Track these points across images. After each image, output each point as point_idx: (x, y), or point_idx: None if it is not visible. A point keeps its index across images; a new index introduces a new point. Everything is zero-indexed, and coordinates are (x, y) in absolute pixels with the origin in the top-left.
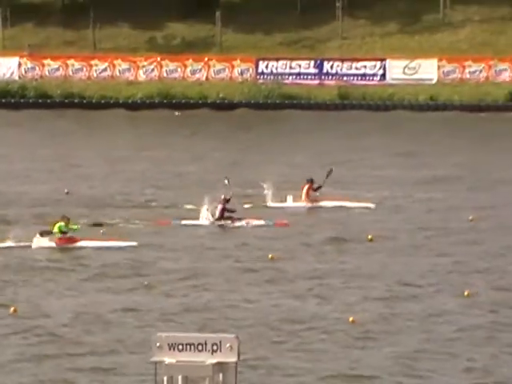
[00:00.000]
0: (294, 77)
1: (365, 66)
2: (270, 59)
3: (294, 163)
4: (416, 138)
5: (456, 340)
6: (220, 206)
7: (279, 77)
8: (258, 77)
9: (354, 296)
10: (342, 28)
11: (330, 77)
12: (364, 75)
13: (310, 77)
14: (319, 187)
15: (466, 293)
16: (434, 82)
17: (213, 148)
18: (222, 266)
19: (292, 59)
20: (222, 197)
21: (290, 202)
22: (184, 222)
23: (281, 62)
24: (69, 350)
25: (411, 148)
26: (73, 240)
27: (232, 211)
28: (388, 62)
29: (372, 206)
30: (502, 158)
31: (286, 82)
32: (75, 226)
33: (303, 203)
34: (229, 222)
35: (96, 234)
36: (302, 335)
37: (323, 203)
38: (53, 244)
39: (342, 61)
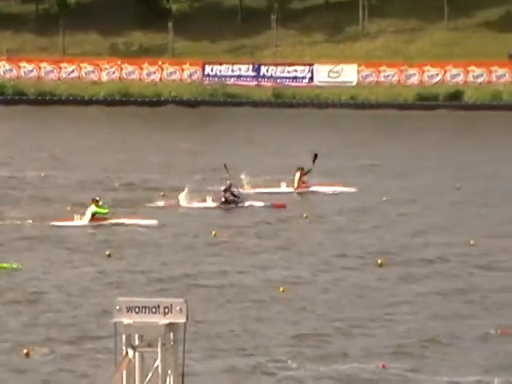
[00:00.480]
0: (235, 79)
1: (295, 70)
2: (214, 63)
3: (243, 153)
4: (335, 132)
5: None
6: (223, 191)
7: (222, 79)
8: (204, 78)
9: (288, 268)
10: (276, 37)
11: (266, 79)
12: (295, 78)
13: (248, 79)
14: (309, 171)
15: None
16: (354, 84)
17: (179, 139)
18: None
19: (233, 63)
20: (228, 182)
21: (283, 188)
22: (195, 204)
23: (224, 66)
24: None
25: (331, 139)
26: (102, 219)
27: (235, 196)
28: (315, 67)
29: (354, 190)
30: (411, 148)
31: (229, 83)
32: (104, 210)
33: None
34: (233, 205)
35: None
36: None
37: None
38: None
39: (276, 65)
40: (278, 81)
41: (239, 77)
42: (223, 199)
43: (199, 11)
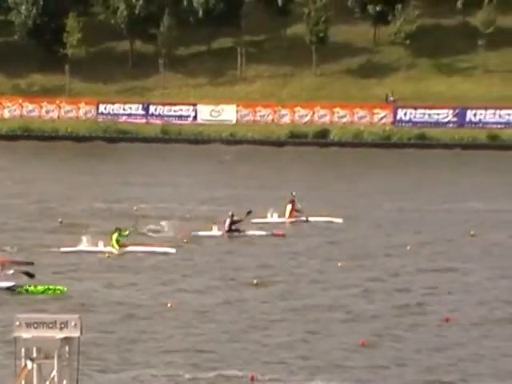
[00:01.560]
0: (127, 117)
1: (181, 109)
2: (107, 103)
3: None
4: (215, 165)
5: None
6: (228, 221)
7: (115, 116)
8: (98, 116)
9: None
10: (163, 80)
11: (155, 117)
12: (180, 116)
13: (139, 117)
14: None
15: None
16: (233, 122)
17: (77, 172)
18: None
19: (125, 103)
20: (230, 213)
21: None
22: (200, 233)
23: (116, 105)
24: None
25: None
26: (124, 245)
27: (238, 222)
28: (199, 107)
29: (340, 220)
30: (284, 179)
31: (120, 120)
32: (126, 233)
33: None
34: (236, 233)
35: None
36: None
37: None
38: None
39: (164, 105)
40: (166, 119)
41: (130, 115)
42: (227, 228)
43: (94, 56)
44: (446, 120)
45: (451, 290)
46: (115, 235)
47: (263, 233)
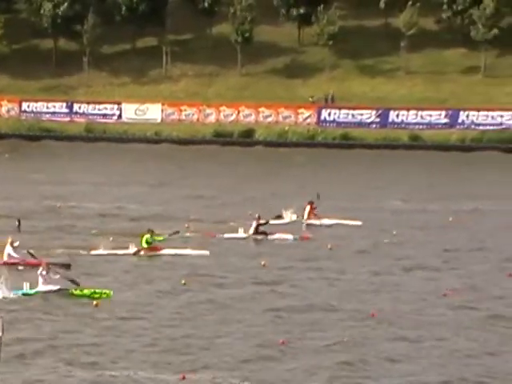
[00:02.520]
0: (50, 115)
1: (106, 108)
2: (31, 101)
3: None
4: (140, 163)
5: None
6: (254, 223)
7: (38, 115)
8: (21, 114)
9: None
10: (88, 78)
11: (79, 115)
12: (105, 115)
13: (62, 115)
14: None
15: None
16: (158, 121)
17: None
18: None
19: (49, 101)
20: (257, 215)
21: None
22: (226, 235)
23: (40, 103)
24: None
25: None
26: (157, 248)
27: (264, 224)
28: (123, 105)
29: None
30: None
31: (44, 118)
32: (161, 238)
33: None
34: (261, 236)
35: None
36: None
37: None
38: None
39: (88, 103)
40: (90, 117)
41: (54, 113)
42: (254, 231)
43: (17, 52)
44: (369, 120)
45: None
46: (146, 236)
47: (290, 236)
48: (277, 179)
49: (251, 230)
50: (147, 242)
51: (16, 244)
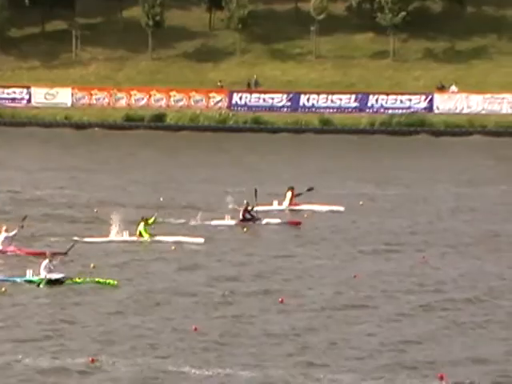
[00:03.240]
0: None
1: (14, 92)
2: None
3: None
4: (53, 148)
5: None
6: (242, 209)
7: None
8: None
9: None
10: None
11: None
12: (14, 99)
13: None
14: (299, 194)
15: None
16: (68, 105)
17: None
18: None
19: None
20: (245, 201)
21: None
22: (213, 222)
23: None
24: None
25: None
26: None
27: (252, 215)
28: (33, 90)
29: (341, 208)
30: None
31: None
32: (151, 220)
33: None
34: (250, 222)
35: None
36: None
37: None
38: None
39: None
40: None
41: None
42: (241, 217)
43: None
44: (280, 104)
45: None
46: (141, 225)
47: (277, 221)
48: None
49: (240, 216)
50: (145, 230)
51: (12, 233)
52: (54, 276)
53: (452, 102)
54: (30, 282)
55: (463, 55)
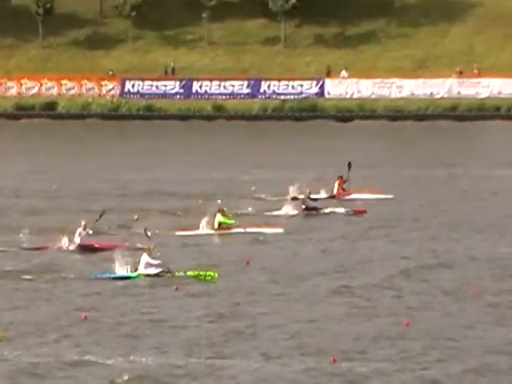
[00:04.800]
0: None
1: None
2: None
3: None
4: None
5: None
6: (302, 199)
7: None
8: None
9: None
10: None
11: None
12: None
13: None
14: (347, 180)
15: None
16: None
17: None
18: None
19: None
20: (308, 191)
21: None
22: (275, 212)
23: None
24: None
25: None
26: (228, 228)
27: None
28: None
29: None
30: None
31: None
32: (231, 221)
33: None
34: (314, 212)
35: None
36: None
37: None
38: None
39: None
40: None
41: None
42: (304, 206)
43: None
44: (173, 91)
45: None
46: (219, 216)
47: (343, 210)
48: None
49: (303, 206)
50: (219, 222)
51: (88, 229)
52: (154, 271)
53: (342, 87)
54: (129, 278)
55: (353, 40)
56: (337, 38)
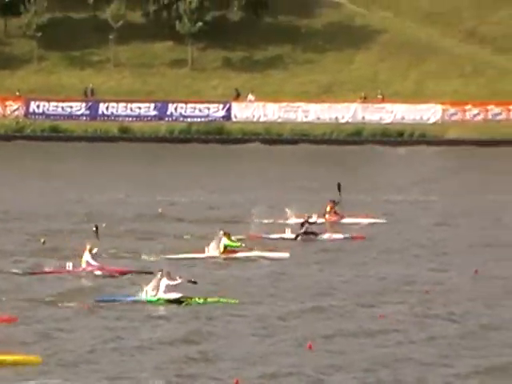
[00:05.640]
0: None
1: None
2: None
3: None
4: None
5: None
6: (301, 223)
7: None
8: None
9: None
10: None
11: None
12: None
13: None
14: (338, 202)
15: None
16: None
17: None
18: None
19: None
20: (306, 215)
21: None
22: (272, 235)
23: None
24: None
25: None
26: (233, 251)
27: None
28: None
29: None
30: None
31: None
32: (237, 244)
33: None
34: (312, 236)
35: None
36: None
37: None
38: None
39: None
40: None
41: None
42: (303, 231)
43: None
44: (79, 113)
45: None
46: (224, 239)
47: (341, 236)
48: None
49: (302, 230)
50: (225, 245)
51: (94, 251)
52: (173, 296)
53: (249, 111)
54: (148, 302)
55: (260, 64)
56: (244, 62)
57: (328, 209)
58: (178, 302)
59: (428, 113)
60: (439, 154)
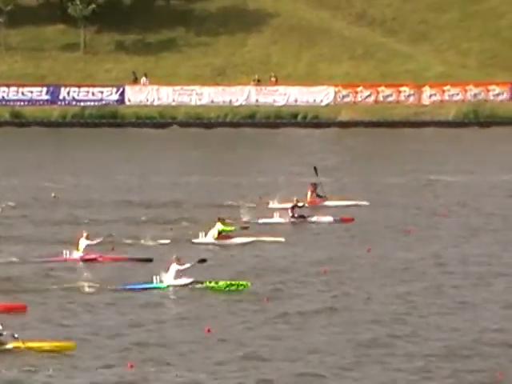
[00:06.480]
0: None
1: None
2: None
3: None
4: None
5: None
6: (290, 207)
7: None
8: None
9: None
10: None
11: None
12: None
13: None
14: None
15: None
16: None
17: None
18: None
19: None
20: (295, 198)
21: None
22: (262, 220)
23: None
24: None
25: None
26: (228, 237)
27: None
28: None
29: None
30: None
31: None
32: (231, 228)
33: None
34: (301, 219)
35: None
36: None
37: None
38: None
39: None
40: None
41: None
42: (291, 214)
43: None
44: None
45: None
46: (219, 225)
47: (330, 218)
48: None
49: (290, 214)
50: (219, 231)
51: (95, 241)
52: (184, 281)
53: (143, 94)
54: (158, 288)
55: (153, 48)
56: (137, 45)
57: (309, 192)
58: (188, 286)
59: (321, 95)
60: (332, 135)
